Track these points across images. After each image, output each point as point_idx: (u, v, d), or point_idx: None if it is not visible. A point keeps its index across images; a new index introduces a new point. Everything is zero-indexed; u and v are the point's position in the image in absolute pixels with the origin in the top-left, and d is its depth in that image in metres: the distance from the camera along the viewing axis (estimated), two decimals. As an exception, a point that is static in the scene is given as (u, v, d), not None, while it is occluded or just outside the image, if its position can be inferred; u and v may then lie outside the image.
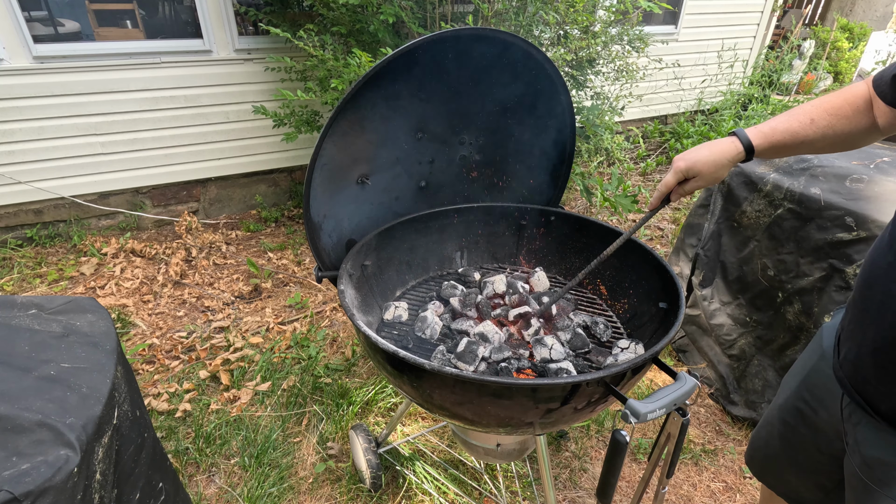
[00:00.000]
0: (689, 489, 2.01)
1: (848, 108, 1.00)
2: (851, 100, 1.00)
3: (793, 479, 1.26)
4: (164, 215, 4.00)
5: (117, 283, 3.19)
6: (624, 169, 5.27)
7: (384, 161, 1.65)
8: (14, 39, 3.11)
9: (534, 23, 2.97)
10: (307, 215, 1.43)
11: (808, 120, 1.03)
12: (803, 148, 1.06)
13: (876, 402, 0.92)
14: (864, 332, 0.93)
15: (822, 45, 7.57)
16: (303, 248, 3.76)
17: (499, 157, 1.85)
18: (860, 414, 0.97)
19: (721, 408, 2.39)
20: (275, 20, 3.53)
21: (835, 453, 1.10)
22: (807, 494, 1.25)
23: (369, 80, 1.29)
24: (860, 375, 0.95)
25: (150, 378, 2.44)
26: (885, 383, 0.90)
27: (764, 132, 1.07)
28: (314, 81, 3.12)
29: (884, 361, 0.89)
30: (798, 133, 1.04)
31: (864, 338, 0.94)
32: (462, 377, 1.00)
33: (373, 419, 2.25)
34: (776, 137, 1.06)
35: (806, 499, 1.26)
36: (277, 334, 2.79)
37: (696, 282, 2.52)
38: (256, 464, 2.02)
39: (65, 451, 0.85)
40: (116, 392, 1.05)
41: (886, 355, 0.88)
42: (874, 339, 0.90)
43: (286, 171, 4.35)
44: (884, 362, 0.89)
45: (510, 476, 2.01)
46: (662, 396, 0.98)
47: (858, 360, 0.95)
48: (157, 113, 3.64)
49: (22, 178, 3.40)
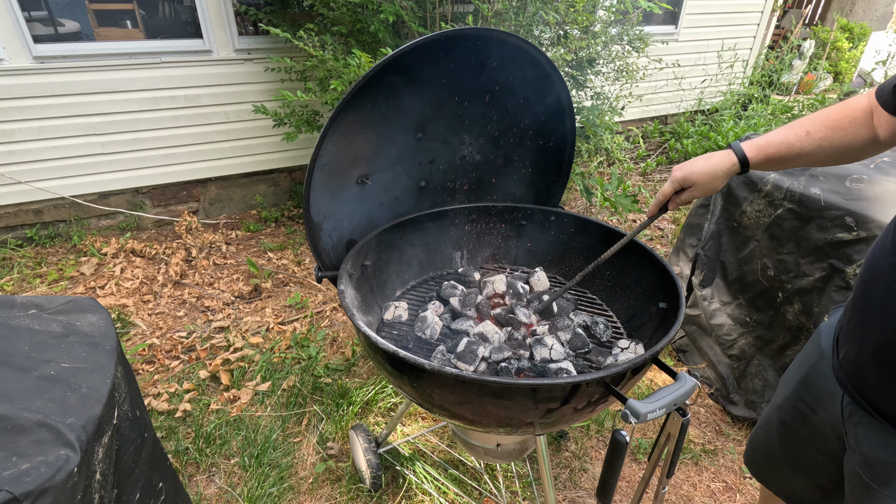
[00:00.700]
0: (689, 489, 2.01)
1: (845, 120, 1.01)
2: (849, 112, 1.01)
3: (791, 479, 1.26)
4: (164, 215, 4.00)
5: (117, 283, 3.19)
6: (624, 169, 5.27)
7: (384, 161, 1.65)
8: (14, 39, 3.11)
9: (534, 23, 2.97)
10: (307, 215, 1.43)
11: (803, 132, 1.04)
12: (800, 160, 1.07)
13: (877, 402, 0.92)
14: (865, 332, 0.93)
15: (822, 45, 7.57)
16: (303, 248, 3.76)
17: (499, 157, 1.85)
18: (861, 414, 0.97)
19: (721, 408, 2.39)
20: (275, 20, 3.53)
21: (834, 453, 1.10)
22: (805, 494, 1.25)
23: (369, 81, 1.29)
24: (861, 375, 0.95)
25: (150, 378, 2.44)
26: (885, 383, 0.90)
27: (759, 145, 1.09)
28: (314, 82, 3.12)
29: (885, 361, 0.89)
30: (794, 145, 1.05)
31: (864, 338, 0.94)
32: (462, 377, 1.00)
33: (373, 419, 2.25)
34: (771, 150, 1.08)
35: (804, 498, 1.26)
36: (277, 334, 2.79)
37: (696, 282, 2.52)
38: (256, 464, 2.02)
39: (65, 451, 0.85)
40: (116, 392, 1.05)
41: (887, 355, 0.88)
42: (875, 340, 0.90)
43: (286, 171, 4.35)
44: (885, 362, 0.89)
45: (510, 476, 2.01)
46: (662, 396, 0.98)
47: (859, 360, 0.95)
48: (157, 113, 3.64)
49: (22, 178, 3.40)
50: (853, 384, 0.98)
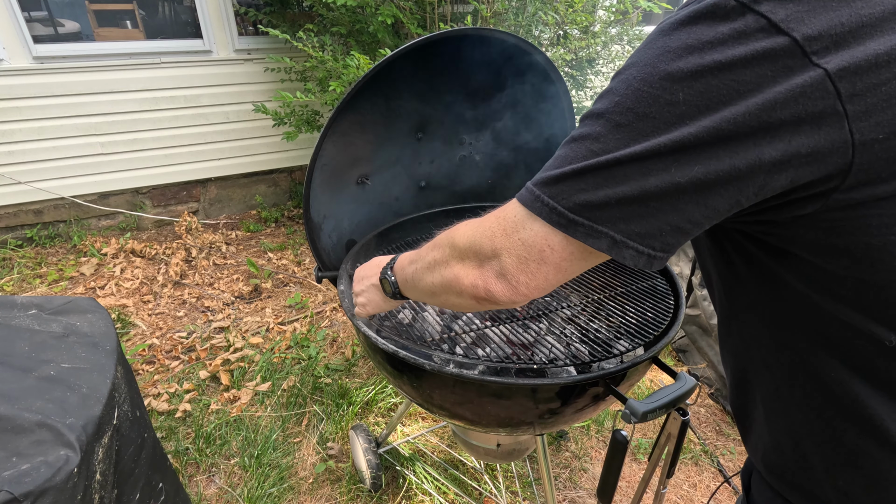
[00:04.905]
0: (689, 489, 2.01)
1: None
2: None
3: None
4: (164, 215, 4.00)
5: (117, 284, 3.19)
6: (624, 169, 5.27)
7: (384, 161, 1.65)
8: (14, 40, 3.11)
9: (533, 23, 2.97)
10: (307, 215, 1.43)
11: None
12: None
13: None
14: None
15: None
16: (303, 248, 3.76)
17: (499, 158, 1.85)
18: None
19: (721, 408, 2.39)
20: (274, 20, 3.53)
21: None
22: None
23: (369, 81, 1.29)
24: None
25: (150, 378, 2.44)
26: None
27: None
28: (314, 82, 3.12)
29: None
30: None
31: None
32: (462, 377, 1.00)
33: (373, 419, 2.25)
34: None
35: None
36: (277, 334, 2.79)
37: (696, 282, 2.52)
38: (256, 464, 2.02)
39: (65, 452, 0.85)
40: (116, 392, 1.05)
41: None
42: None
43: (286, 171, 4.35)
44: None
45: (510, 476, 2.01)
46: (662, 396, 0.98)
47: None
48: (157, 113, 3.64)
49: (22, 179, 3.40)
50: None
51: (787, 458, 0.68)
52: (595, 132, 0.54)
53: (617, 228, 0.53)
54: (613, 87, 0.54)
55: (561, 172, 0.56)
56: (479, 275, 0.66)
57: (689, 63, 0.48)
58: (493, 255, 0.64)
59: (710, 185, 0.49)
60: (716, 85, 0.47)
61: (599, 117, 0.54)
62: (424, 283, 0.80)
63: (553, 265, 0.59)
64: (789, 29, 0.45)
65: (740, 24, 0.47)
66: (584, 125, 0.56)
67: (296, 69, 3.31)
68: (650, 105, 0.50)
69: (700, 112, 0.48)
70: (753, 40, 0.46)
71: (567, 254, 0.58)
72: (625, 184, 0.52)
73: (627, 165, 0.51)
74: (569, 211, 0.55)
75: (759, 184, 0.49)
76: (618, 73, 0.55)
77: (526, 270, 0.61)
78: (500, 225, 0.64)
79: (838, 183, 0.48)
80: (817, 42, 0.45)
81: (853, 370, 0.57)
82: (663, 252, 0.54)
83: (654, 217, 0.52)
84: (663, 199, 0.51)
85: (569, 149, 0.57)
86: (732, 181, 0.49)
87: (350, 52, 2.74)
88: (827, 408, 0.61)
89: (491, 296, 0.65)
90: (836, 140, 0.46)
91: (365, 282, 1.08)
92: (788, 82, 0.45)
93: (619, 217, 0.53)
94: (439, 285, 0.75)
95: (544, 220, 0.57)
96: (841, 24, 0.45)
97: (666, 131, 0.49)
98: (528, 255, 0.60)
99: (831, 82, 0.44)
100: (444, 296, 0.76)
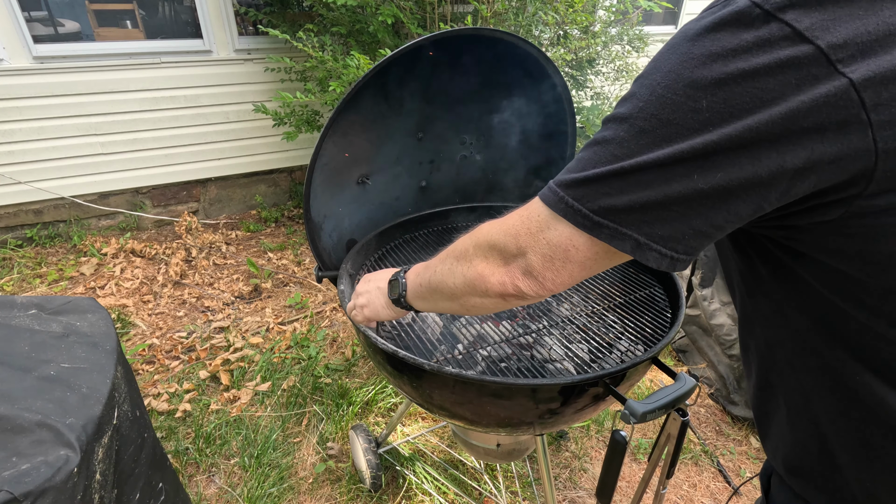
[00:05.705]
0: (689, 489, 2.01)
1: None
2: None
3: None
4: (164, 215, 4.00)
5: (117, 284, 3.19)
6: (624, 169, 5.27)
7: (384, 161, 1.65)
8: (14, 39, 3.11)
9: (533, 23, 2.97)
10: (307, 215, 1.43)
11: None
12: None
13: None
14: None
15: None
16: (303, 248, 3.76)
17: (499, 158, 1.85)
18: None
19: (721, 408, 2.39)
20: (274, 20, 3.53)
21: None
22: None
23: (369, 81, 1.29)
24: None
25: (150, 378, 2.44)
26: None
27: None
28: (314, 82, 3.12)
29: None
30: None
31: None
32: (462, 377, 1.00)
33: (373, 419, 2.25)
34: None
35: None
36: (277, 334, 2.79)
37: (696, 282, 2.52)
38: (256, 464, 2.02)
39: (65, 452, 0.85)
40: (116, 392, 1.05)
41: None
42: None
43: (286, 171, 4.35)
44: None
45: (510, 476, 2.01)
46: (662, 396, 0.98)
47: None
48: (158, 113, 3.64)
49: (22, 179, 3.40)
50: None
51: (812, 458, 0.68)
52: (619, 136, 0.54)
53: (641, 231, 0.54)
54: (636, 91, 0.55)
55: (585, 176, 0.57)
56: (506, 272, 0.67)
57: (713, 71, 0.48)
58: (518, 253, 0.65)
59: (733, 191, 0.50)
60: (739, 93, 0.47)
61: (623, 121, 0.54)
62: (445, 286, 0.80)
63: (578, 263, 0.60)
64: (814, 37, 0.45)
65: (765, 32, 0.47)
66: (607, 128, 0.57)
67: (296, 69, 3.31)
68: (673, 111, 0.51)
69: (723, 120, 0.48)
70: (777, 48, 0.46)
71: (592, 253, 0.59)
72: (648, 189, 0.52)
73: (650, 171, 0.52)
74: (593, 213, 0.56)
75: (781, 190, 0.49)
76: (640, 76, 0.55)
77: (552, 268, 0.62)
78: (524, 224, 0.65)
79: (861, 189, 0.48)
80: (843, 50, 0.45)
81: (877, 374, 0.57)
82: (686, 255, 0.55)
83: (677, 221, 0.53)
84: (686, 204, 0.52)
85: (592, 152, 0.57)
86: (755, 187, 0.49)
87: (350, 52, 2.74)
88: (853, 409, 0.61)
89: (519, 291, 0.67)
90: (859, 148, 0.46)
91: (370, 284, 1.08)
92: (813, 91, 0.45)
93: (642, 220, 0.54)
94: (461, 286, 0.75)
95: (569, 221, 0.58)
96: (868, 33, 0.45)
97: (689, 138, 0.50)
98: (554, 254, 0.61)
99: (856, 92, 0.44)
100: (464, 297, 0.76)
